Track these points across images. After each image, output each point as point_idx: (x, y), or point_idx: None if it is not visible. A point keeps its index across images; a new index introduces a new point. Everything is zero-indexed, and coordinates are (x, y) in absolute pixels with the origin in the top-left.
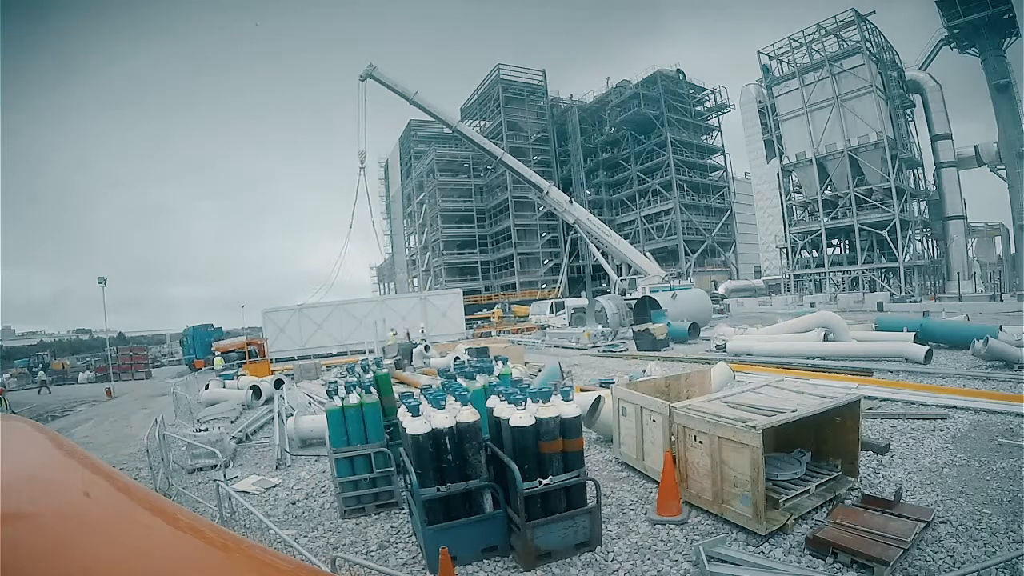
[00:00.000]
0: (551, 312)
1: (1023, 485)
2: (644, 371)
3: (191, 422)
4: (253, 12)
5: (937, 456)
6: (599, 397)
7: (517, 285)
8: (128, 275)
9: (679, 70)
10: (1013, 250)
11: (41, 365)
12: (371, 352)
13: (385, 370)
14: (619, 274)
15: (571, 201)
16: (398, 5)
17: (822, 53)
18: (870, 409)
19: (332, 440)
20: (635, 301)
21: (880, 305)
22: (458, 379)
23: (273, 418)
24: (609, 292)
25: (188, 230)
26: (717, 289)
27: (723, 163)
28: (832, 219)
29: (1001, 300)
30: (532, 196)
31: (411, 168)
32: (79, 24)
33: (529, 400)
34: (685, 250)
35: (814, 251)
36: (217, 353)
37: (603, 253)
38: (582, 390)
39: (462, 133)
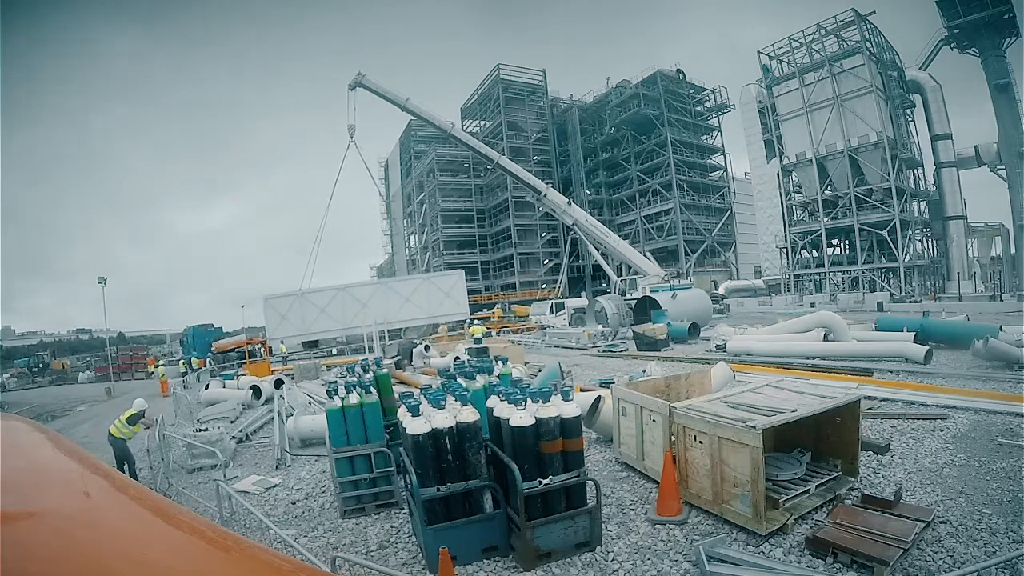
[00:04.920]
0: (551, 312)
1: (1023, 485)
2: (644, 371)
3: (191, 422)
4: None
5: (937, 456)
6: (599, 397)
7: (517, 285)
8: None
9: (679, 70)
10: (1013, 250)
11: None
12: (371, 351)
13: (385, 370)
14: (619, 274)
15: (570, 203)
16: (398, 4)
17: (822, 53)
18: (870, 409)
19: (332, 440)
20: (635, 301)
21: (880, 305)
22: (458, 379)
23: (273, 418)
24: (609, 292)
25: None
26: (717, 289)
27: (723, 163)
28: (832, 219)
29: (1001, 300)
30: (530, 198)
31: (411, 168)
32: (85, 21)
33: (529, 400)
34: (685, 250)
35: (814, 251)
36: (159, 361)
37: (602, 254)
38: (582, 390)
39: (457, 138)
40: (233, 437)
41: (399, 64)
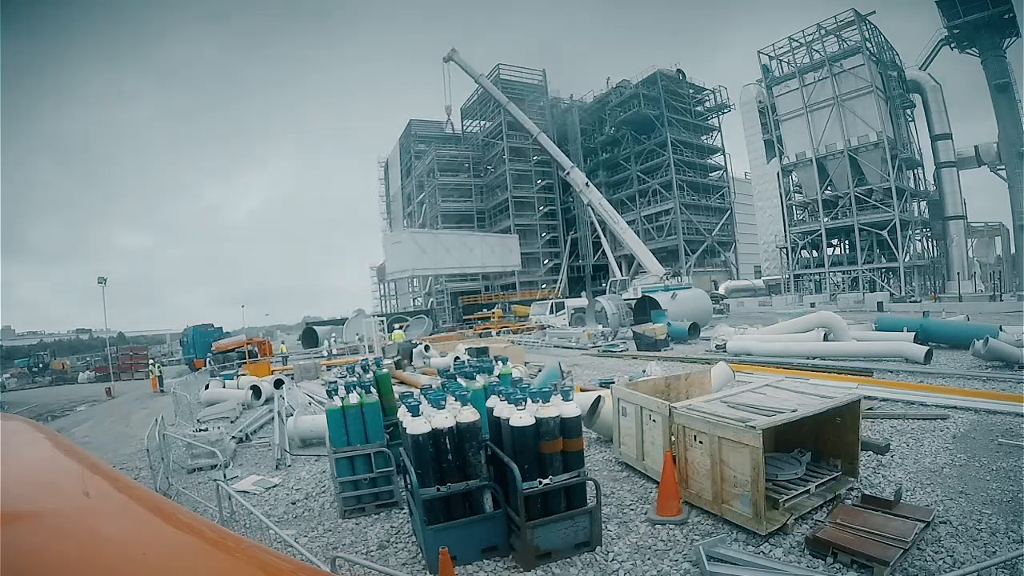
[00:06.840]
0: (551, 312)
1: (1023, 485)
2: (644, 371)
3: (191, 422)
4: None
5: (937, 456)
6: (599, 397)
7: (517, 285)
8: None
9: (679, 70)
10: (1013, 250)
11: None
12: (370, 351)
13: (385, 370)
14: (621, 270)
15: (588, 184)
16: (400, 4)
17: (822, 53)
18: (870, 409)
19: (332, 440)
20: (635, 301)
21: (880, 305)
22: (458, 379)
23: (273, 418)
24: (609, 292)
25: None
26: (717, 289)
27: (723, 163)
28: (832, 219)
29: (1001, 300)
30: (562, 173)
31: (411, 168)
32: (94, 13)
33: (529, 400)
34: (685, 250)
35: (814, 251)
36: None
37: (609, 240)
38: (582, 390)
39: (510, 111)
40: (233, 437)
41: (400, 64)
